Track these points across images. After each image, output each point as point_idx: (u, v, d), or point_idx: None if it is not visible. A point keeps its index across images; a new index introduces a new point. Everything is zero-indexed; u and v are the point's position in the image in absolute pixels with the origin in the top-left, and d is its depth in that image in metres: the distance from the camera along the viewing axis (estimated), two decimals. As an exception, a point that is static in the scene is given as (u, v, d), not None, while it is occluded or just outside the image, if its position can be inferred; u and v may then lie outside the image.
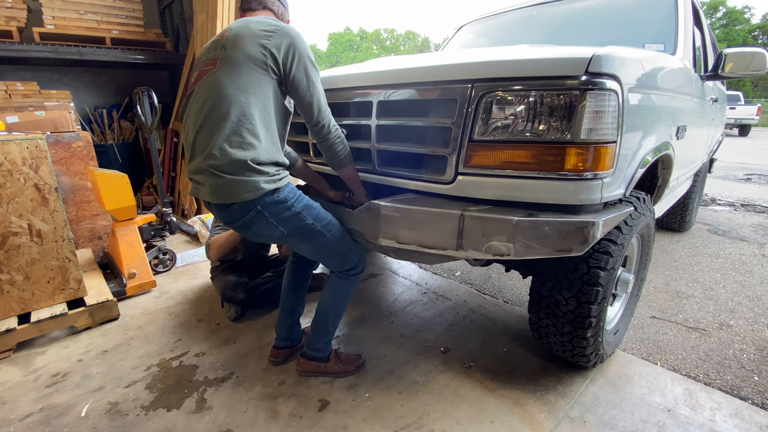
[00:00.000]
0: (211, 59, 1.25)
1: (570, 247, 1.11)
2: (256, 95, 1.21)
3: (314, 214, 1.37)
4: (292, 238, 1.36)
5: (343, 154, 1.42)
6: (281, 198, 1.28)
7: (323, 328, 1.61)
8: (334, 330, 1.65)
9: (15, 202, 1.83)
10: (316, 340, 1.63)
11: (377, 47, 55.00)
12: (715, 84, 2.86)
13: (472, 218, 1.17)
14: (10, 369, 1.75)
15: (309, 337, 1.65)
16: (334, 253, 1.45)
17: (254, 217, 1.26)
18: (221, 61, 1.22)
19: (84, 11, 3.93)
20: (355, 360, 1.70)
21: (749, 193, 5.20)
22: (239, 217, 1.27)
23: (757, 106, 14.23)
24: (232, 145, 1.18)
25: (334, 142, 1.39)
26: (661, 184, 1.87)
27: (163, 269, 2.77)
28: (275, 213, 1.28)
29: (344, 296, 1.59)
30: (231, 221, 1.30)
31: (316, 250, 1.43)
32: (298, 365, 1.67)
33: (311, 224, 1.36)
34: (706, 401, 1.51)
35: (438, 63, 1.36)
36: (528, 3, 2.63)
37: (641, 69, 1.31)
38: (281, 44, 1.23)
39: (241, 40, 1.21)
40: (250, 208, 1.24)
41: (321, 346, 1.64)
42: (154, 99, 3.04)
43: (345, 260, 1.49)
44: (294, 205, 1.32)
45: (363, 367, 1.72)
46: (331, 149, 1.40)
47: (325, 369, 1.65)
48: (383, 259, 2.97)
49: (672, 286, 2.49)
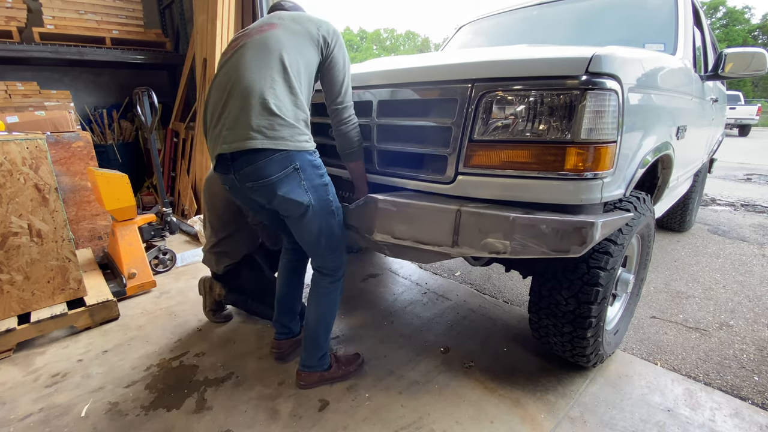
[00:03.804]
0: (269, 24, 1.32)
1: (568, 247, 1.09)
2: (306, 62, 1.30)
3: (333, 191, 1.39)
4: (311, 213, 1.32)
5: (357, 145, 1.43)
6: (317, 163, 1.32)
7: (315, 344, 1.55)
8: (327, 343, 1.58)
9: (15, 202, 1.83)
10: (312, 357, 1.57)
11: (377, 47, 54.99)
12: (715, 84, 2.86)
13: (468, 214, 1.17)
14: (10, 369, 1.75)
15: (303, 356, 1.58)
16: (334, 242, 1.42)
17: (291, 174, 1.25)
18: (281, 27, 1.30)
19: (84, 11, 3.93)
20: (354, 360, 1.69)
21: (749, 193, 5.20)
22: (276, 171, 1.22)
23: (757, 106, 14.23)
24: (292, 92, 1.24)
25: (351, 129, 1.40)
26: (661, 184, 1.87)
27: (163, 269, 2.77)
28: (309, 176, 1.28)
29: (331, 306, 1.53)
30: (263, 176, 1.23)
31: (320, 234, 1.38)
32: (299, 379, 1.58)
33: (331, 200, 1.37)
34: (706, 401, 1.51)
35: (438, 63, 1.36)
36: (528, 3, 2.63)
37: (641, 69, 1.31)
38: (329, 30, 1.37)
39: (299, 18, 1.35)
40: (290, 163, 1.23)
41: (318, 362, 1.58)
42: (154, 99, 3.04)
43: (338, 256, 1.47)
44: (324, 175, 1.35)
45: (362, 365, 1.70)
46: (347, 136, 1.41)
47: (329, 377, 1.60)
48: (383, 259, 2.97)
49: (672, 286, 2.49)
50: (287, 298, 1.73)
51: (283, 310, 1.75)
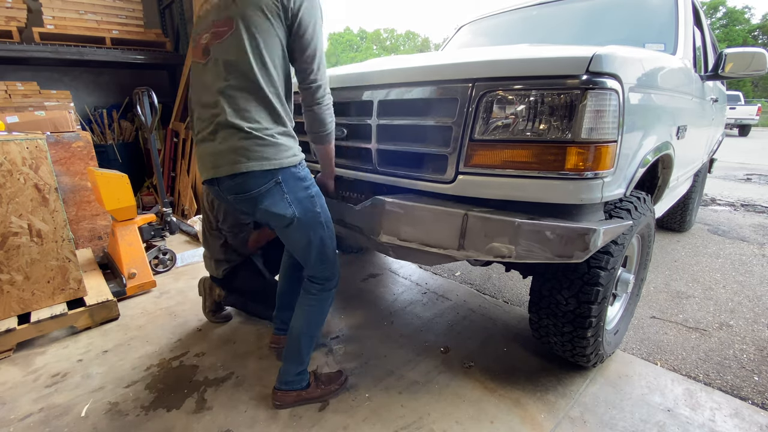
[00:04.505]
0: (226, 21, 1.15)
1: (571, 253, 1.11)
2: (279, 52, 1.18)
3: (322, 203, 1.34)
4: (296, 225, 1.29)
5: (331, 128, 1.34)
6: (302, 175, 1.26)
7: (297, 356, 1.45)
8: (309, 357, 1.49)
9: (15, 202, 1.83)
10: (291, 372, 1.47)
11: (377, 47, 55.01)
12: (715, 84, 2.86)
13: (475, 218, 1.18)
14: (10, 369, 1.75)
15: (282, 369, 1.48)
16: (325, 253, 1.38)
17: (272, 188, 1.20)
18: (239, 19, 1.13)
19: (84, 11, 3.93)
20: (335, 378, 1.57)
21: (749, 193, 5.20)
22: (257, 186, 1.19)
23: (757, 106, 14.24)
24: (270, 104, 1.17)
25: (324, 111, 1.29)
26: (662, 183, 1.87)
27: (163, 269, 2.77)
28: (293, 189, 1.24)
29: (318, 316, 1.45)
30: (244, 191, 1.20)
31: (308, 245, 1.34)
32: (274, 398, 1.48)
33: (318, 212, 1.32)
34: (706, 401, 1.51)
35: (438, 63, 1.36)
36: (528, 3, 2.63)
37: (642, 69, 1.31)
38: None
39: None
40: (271, 177, 1.19)
41: (296, 378, 1.48)
42: (154, 99, 3.04)
43: (330, 267, 1.41)
44: (310, 186, 1.29)
45: (346, 383, 1.60)
46: (320, 118, 1.29)
47: (306, 396, 1.50)
48: (383, 259, 2.97)
49: (672, 286, 2.49)
50: (288, 293, 1.73)
51: (283, 305, 1.75)
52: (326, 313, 1.48)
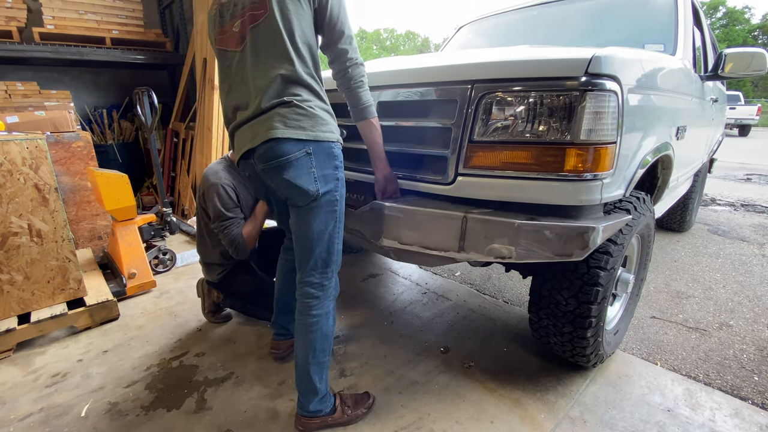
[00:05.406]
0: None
1: (571, 251, 1.11)
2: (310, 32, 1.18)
3: (343, 193, 1.28)
4: (316, 206, 1.22)
5: (369, 100, 1.29)
6: (336, 153, 1.22)
7: (310, 387, 1.32)
8: (326, 383, 1.36)
9: (15, 202, 1.83)
10: (309, 402, 1.34)
11: (377, 47, 54.98)
12: (715, 84, 2.86)
13: (475, 220, 1.18)
14: (10, 369, 1.75)
15: (301, 401, 1.36)
16: (331, 248, 1.28)
17: (301, 159, 1.16)
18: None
19: (84, 11, 3.93)
20: (364, 401, 1.47)
21: (749, 193, 5.20)
22: (286, 153, 1.14)
23: (757, 106, 14.23)
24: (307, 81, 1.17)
25: (360, 79, 1.26)
26: (661, 184, 1.87)
27: (163, 269, 2.77)
28: (322, 164, 1.19)
29: (324, 341, 1.32)
30: (274, 156, 1.16)
31: (320, 235, 1.25)
32: (297, 424, 1.38)
33: (338, 200, 1.26)
34: (706, 401, 1.51)
35: (438, 64, 1.36)
36: (528, 3, 2.63)
37: (641, 70, 1.31)
38: None
39: None
40: (302, 147, 1.15)
41: (319, 406, 1.36)
42: (154, 99, 3.04)
43: (333, 269, 1.31)
44: (339, 168, 1.24)
45: (373, 406, 1.49)
46: (357, 90, 1.27)
47: (333, 422, 1.38)
48: (383, 259, 2.97)
49: (672, 286, 2.49)
50: (285, 298, 1.72)
51: (281, 310, 1.74)
52: (331, 333, 1.34)
